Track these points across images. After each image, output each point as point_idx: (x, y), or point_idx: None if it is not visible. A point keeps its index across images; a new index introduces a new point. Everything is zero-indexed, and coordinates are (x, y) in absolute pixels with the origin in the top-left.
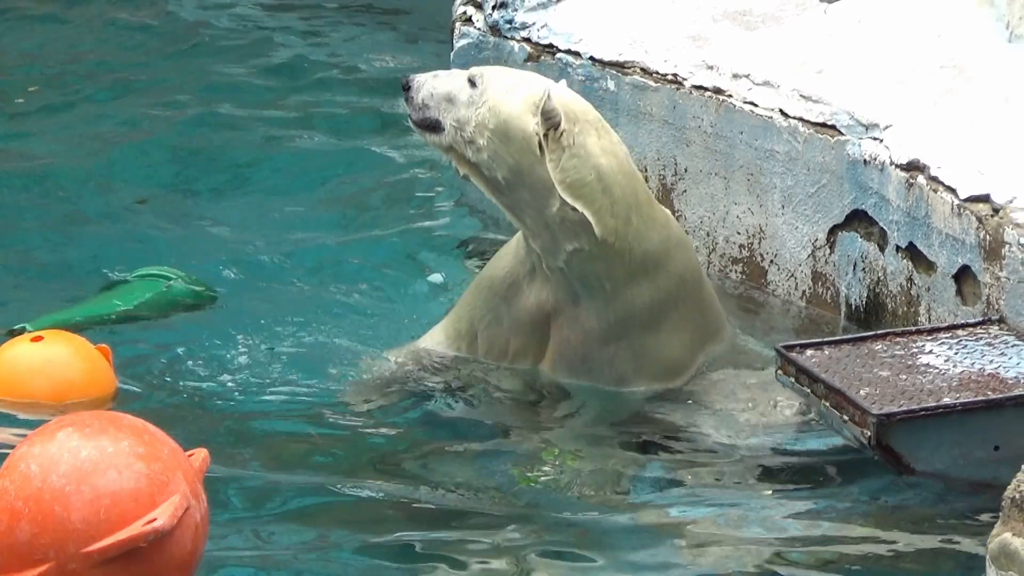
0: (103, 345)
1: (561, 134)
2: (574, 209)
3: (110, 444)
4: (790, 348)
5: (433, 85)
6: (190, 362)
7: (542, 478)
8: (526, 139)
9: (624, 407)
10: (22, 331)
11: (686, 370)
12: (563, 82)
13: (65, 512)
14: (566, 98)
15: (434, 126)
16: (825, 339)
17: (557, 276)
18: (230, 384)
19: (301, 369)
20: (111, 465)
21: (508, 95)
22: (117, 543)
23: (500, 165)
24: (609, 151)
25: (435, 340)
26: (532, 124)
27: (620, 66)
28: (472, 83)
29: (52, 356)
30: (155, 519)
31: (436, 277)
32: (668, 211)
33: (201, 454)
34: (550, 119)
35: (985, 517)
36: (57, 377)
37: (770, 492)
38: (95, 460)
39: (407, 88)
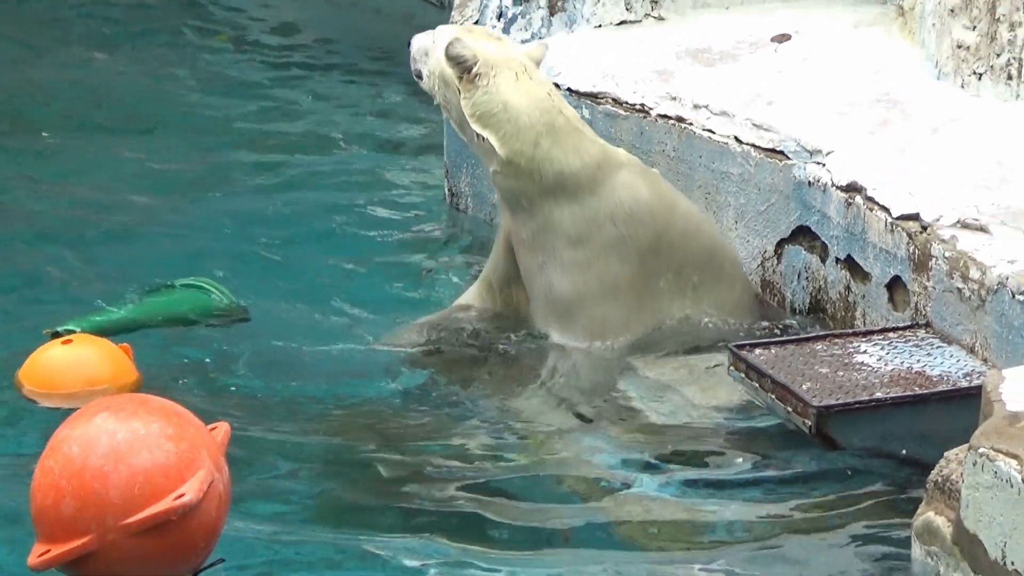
0: (124, 344)
1: (475, 76)
2: (483, 139)
3: (142, 427)
4: (741, 347)
5: (420, 41)
6: (210, 357)
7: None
8: (453, 82)
9: (597, 371)
10: (68, 332)
11: (636, 303)
12: (507, 34)
13: (104, 489)
14: (488, 48)
15: (420, 76)
16: (772, 339)
17: (499, 196)
18: (247, 378)
19: (316, 365)
20: (144, 446)
21: (441, 46)
22: (151, 516)
23: (449, 106)
24: (523, 91)
25: (469, 293)
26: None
27: (594, 96)
28: (433, 37)
29: (82, 356)
30: (183, 494)
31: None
32: (624, 152)
33: (223, 428)
34: (460, 63)
35: (911, 499)
36: (88, 374)
37: (716, 476)
38: (130, 441)
39: (409, 45)
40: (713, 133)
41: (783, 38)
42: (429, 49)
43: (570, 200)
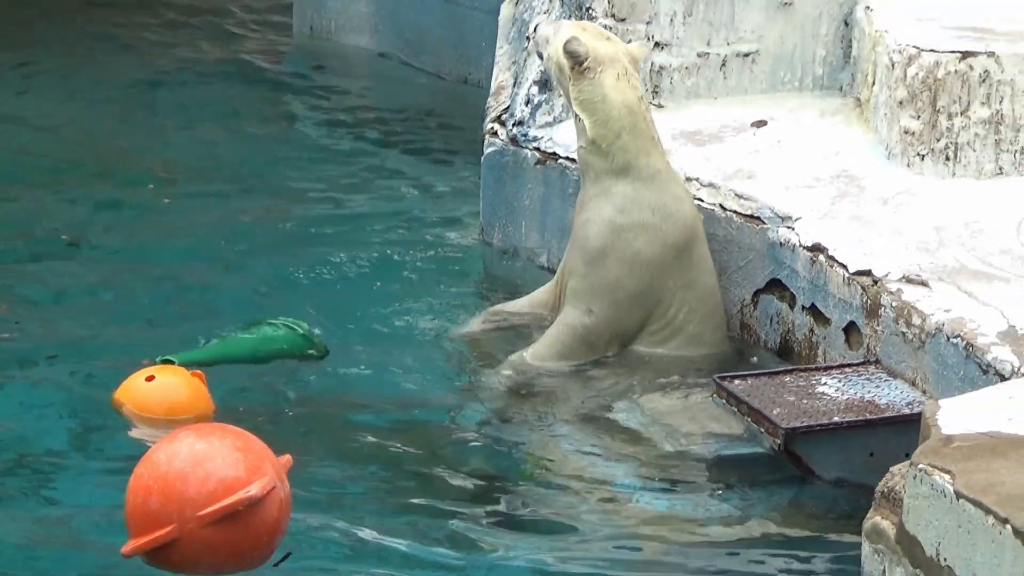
0: (198, 372)
1: (585, 69)
2: (580, 119)
3: (217, 440)
4: (723, 378)
5: (543, 30)
6: (278, 388)
7: (533, 475)
8: (566, 70)
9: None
10: (167, 362)
11: (647, 284)
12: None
13: (184, 487)
14: (599, 47)
15: (541, 56)
16: (749, 372)
17: (579, 164)
18: (309, 409)
19: (381, 393)
20: (218, 454)
21: (561, 40)
22: (222, 507)
23: (560, 86)
24: (620, 89)
25: (538, 291)
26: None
27: None
28: (555, 29)
29: (165, 385)
30: (250, 490)
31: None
32: (679, 176)
33: (286, 457)
34: (574, 57)
35: (862, 505)
36: (171, 399)
37: (703, 491)
38: (206, 450)
39: (534, 29)
40: (702, 201)
41: (761, 124)
42: (550, 38)
43: (627, 184)
